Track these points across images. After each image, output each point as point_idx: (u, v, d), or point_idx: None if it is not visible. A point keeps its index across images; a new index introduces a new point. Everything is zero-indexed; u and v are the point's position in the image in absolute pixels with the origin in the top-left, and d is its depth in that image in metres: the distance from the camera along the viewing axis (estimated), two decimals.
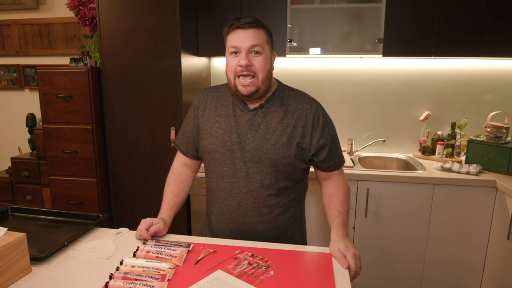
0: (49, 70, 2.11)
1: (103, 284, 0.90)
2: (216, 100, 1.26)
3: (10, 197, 2.75)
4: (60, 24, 2.79)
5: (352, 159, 2.28)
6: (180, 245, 1.09)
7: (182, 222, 2.19)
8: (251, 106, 1.20)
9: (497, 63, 2.33)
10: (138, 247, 1.07)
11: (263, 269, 0.99)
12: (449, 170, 2.03)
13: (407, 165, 2.34)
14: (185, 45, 2.09)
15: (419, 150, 2.42)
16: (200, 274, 0.96)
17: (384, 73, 2.46)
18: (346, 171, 2.00)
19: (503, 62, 2.32)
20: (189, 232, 2.24)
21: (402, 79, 2.45)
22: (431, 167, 2.11)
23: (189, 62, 2.18)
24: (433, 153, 2.34)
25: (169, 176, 1.33)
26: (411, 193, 1.99)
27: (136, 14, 2.03)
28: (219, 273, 0.96)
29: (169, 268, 0.97)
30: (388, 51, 2.15)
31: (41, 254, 1.02)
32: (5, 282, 0.89)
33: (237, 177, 1.18)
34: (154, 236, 1.15)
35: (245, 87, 1.13)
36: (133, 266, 0.97)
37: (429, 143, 2.40)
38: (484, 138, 2.09)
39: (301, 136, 1.17)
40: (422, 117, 2.43)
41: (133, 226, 1.22)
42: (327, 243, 1.12)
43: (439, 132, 2.37)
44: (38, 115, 2.75)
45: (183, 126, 1.33)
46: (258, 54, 1.13)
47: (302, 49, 2.24)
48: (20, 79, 2.95)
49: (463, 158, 2.24)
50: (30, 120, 2.80)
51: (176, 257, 1.03)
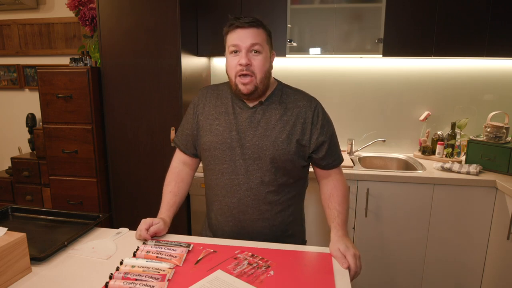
0: (49, 70, 2.11)
1: (103, 284, 0.91)
2: (216, 98, 1.27)
3: (10, 197, 2.75)
4: (60, 24, 2.79)
5: (352, 159, 2.28)
6: (180, 245, 1.09)
7: (182, 222, 2.19)
8: (251, 104, 1.21)
9: (497, 63, 2.33)
10: (138, 247, 1.07)
11: (263, 269, 0.99)
12: (449, 170, 2.03)
13: (407, 165, 2.34)
14: (185, 45, 2.09)
15: (419, 150, 2.42)
16: (200, 274, 0.96)
17: (384, 73, 2.46)
18: (346, 171, 2.00)
19: (503, 62, 2.32)
20: (189, 232, 2.24)
21: (402, 79, 2.45)
22: (431, 167, 2.11)
23: (189, 62, 2.18)
24: (433, 153, 2.34)
25: (168, 175, 1.33)
26: (411, 193, 1.99)
27: (136, 14, 2.03)
28: (219, 273, 0.96)
29: (169, 268, 0.97)
30: (388, 51, 2.15)
31: (41, 254, 1.02)
32: (5, 282, 0.89)
33: (237, 174, 1.18)
34: (154, 236, 1.15)
35: (245, 85, 1.14)
36: (133, 266, 0.97)
37: (429, 143, 2.40)
38: (484, 138, 2.09)
39: (300, 133, 1.18)
40: (422, 117, 2.43)
41: (133, 226, 1.22)
42: (326, 243, 1.12)
43: (439, 132, 2.37)
44: (38, 115, 2.76)
45: (182, 124, 1.34)
46: (258, 53, 1.14)
47: (302, 49, 2.24)
48: (20, 79, 2.95)
49: (463, 158, 2.24)
50: (30, 120, 2.80)
51: (176, 257, 1.03)
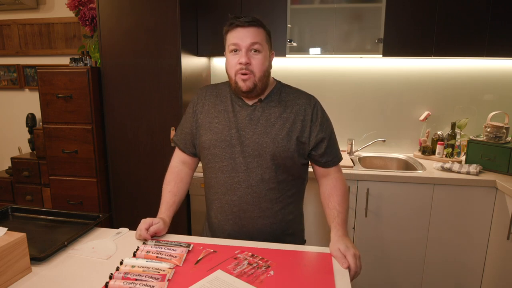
0: (49, 70, 2.11)
1: (103, 284, 0.91)
2: (215, 96, 1.27)
3: (10, 197, 2.75)
4: (60, 24, 2.79)
5: (352, 159, 2.28)
6: (180, 245, 1.09)
7: (182, 222, 2.19)
8: (250, 102, 1.22)
9: (497, 63, 2.33)
10: (138, 247, 1.07)
11: (263, 269, 0.99)
12: (449, 170, 2.03)
13: (407, 165, 2.34)
14: (185, 45, 2.09)
15: (419, 150, 2.42)
16: (200, 274, 0.96)
17: (384, 73, 2.46)
18: (346, 171, 2.00)
19: (503, 62, 2.32)
20: (189, 232, 2.24)
21: (402, 79, 2.45)
22: (431, 167, 2.11)
23: (189, 62, 2.18)
24: (433, 153, 2.34)
25: (167, 175, 1.33)
26: (411, 193, 1.99)
27: (136, 14, 2.03)
28: (219, 273, 0.96)
29: (169, 268, 0.97)
30: (388, 51, 2.15)
31: (41, 254, 1.02)
32: (5, 282, 0.89)
33: (237, 172, 1.18)
34: (154, 236, 1.15)
35: (245, 82, 1.15)
36: (133, 266, 0.97)
37: (429, 143, 2.40)
38: (484, 138, 2.09)
39: (300, 130, 1.19)
40: (422, 117, 2.43)
41: (133, 226, 1.22)
42: (326, 242, 1.12)
43: (439, 132, 2.37)
44: (38, 115, 2.76)
45: (182, 123, 1.34)
46: (258, 52, 1.15)
47: (302, 49, 2.24)
48: (20, 79, 2.95)
49: (463, 158, 2.24)
50: (30, 120, 2.80)
51: (176, 257, 1.03)
